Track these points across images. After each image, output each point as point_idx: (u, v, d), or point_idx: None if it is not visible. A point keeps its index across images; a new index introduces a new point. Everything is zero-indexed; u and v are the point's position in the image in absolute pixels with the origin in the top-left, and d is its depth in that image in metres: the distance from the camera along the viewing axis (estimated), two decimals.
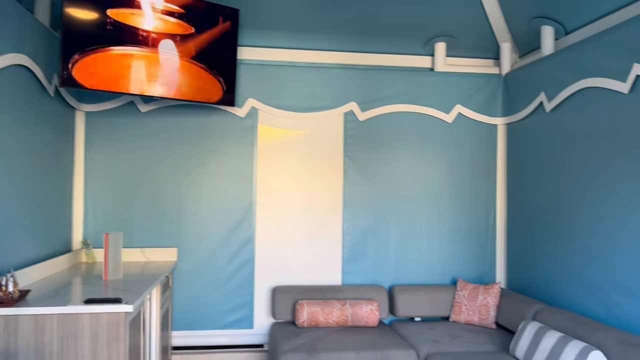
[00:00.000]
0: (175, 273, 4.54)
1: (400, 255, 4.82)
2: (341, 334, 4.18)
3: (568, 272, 3.97)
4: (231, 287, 4.59)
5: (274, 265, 4.67)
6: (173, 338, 4.50)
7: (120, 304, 2.78)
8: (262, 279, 4.64)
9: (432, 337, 4.14)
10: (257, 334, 4.61)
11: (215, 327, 4.56)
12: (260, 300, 4.63)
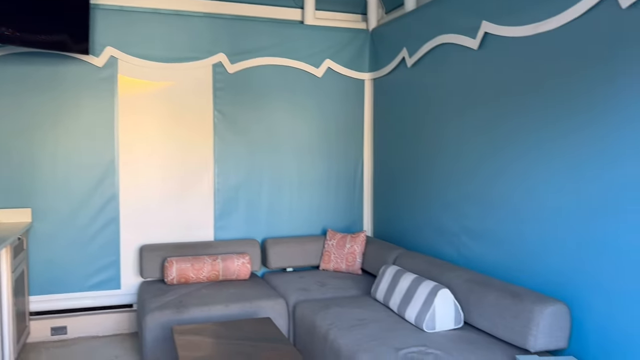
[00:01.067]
0: (30, 235, 4.22)
1: (273, 209, 4.87)
2: (211, 288, 4.18)
3: (426, 219, 4.26)
4: (95, 247, 4.37)
5: (141, 224, 4.51)
6: (32, 303, 4.23)
7: None
8: (128, 237, 4.47)
9: (302, 285, 4.27)
10: (125, 294, 4.47)
11: (80, 289, 4.35)
12: (127, 259, 4.47)
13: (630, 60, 2.60)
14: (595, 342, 2.79)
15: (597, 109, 2.77)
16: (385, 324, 3.36)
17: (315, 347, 3.53)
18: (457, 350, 2.93)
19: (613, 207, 2.69)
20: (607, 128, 2.72)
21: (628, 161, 2.61)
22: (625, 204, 2.62)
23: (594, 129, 2.79)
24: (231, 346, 3.06)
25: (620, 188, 2.66)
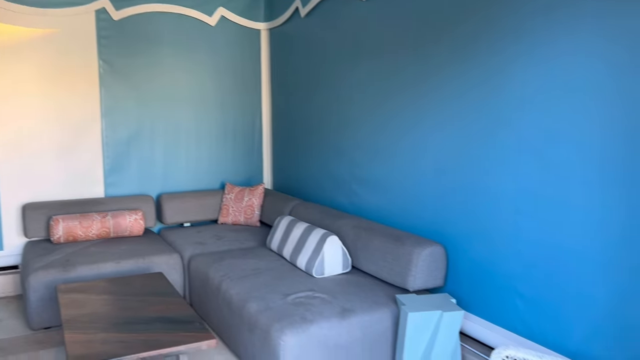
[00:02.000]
0: None
1: (168, 164, 4.75)
2: (102, 246, 4.05)
3: (322, 169, 4.33)
4: None
5: (23, 181, 4.24)
6: None
7: None
8: (9, 196, 4.20)
9: (198, 239, 4.24)
10: (9, 255, 4.23)
11: None
12: (10, 219, 4.22)
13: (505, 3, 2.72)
14: (467, 280, 3.01)
15: (481, 54, 2.90)
16: (277, 273, 3.43)
17: (209, 299, 3.54)
18: (342, 293, 3.06)
19: (488, 158, 2.86)
20: (488, 72, 2.86)
21: (506, 107, 2.77)
22: (497, 153, 2.80)
23: (477, 75, 2.92)
24: (118, 302, 3.00)
25: (500, 138, 2.83)
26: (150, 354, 2.43)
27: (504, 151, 2.73)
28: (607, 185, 2.28)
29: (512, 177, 2.70)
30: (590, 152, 2.33)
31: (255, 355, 2.91)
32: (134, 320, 2.76)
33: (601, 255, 2.31)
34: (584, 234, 2.38)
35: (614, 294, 2.28)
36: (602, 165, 2.29)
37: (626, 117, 2.19)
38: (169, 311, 2.88)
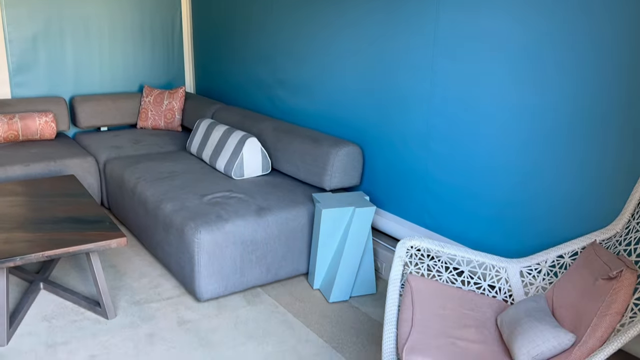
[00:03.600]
0: None
1: (81, 64, 4.46)
2: (9, 149, 3.83)
3: (245, 73, 4.20)
4: None
5: None
6: None
7: None
8: None
9: (115, 143, 4.09)
10: None
11: None
12: None
13: None
14: (382, 179, 3.08)
15: None
16: (195, 175, 3.38)
17: (125, 202, 3.47)
18: (260, 193, 3.06)
19: (401, 61, 2.84)
20: None
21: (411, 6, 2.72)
22: (410, 55, 2.78)
23: None
24: (26, 204, 2.89)
25: (408, 38, 2.80)
26: (56, 252, 2.37)
27: (418, 51, 2.72)
28: (518, 87, 2.32)
29: (428, 79, 2.70)
30: (505, 51, 2.36)
31: (171, 254, 2.91)
32: (41, 221, 2.67)
33: (504, 159, 2.40)
34: (491, 138, 2.45)
35: (508, 194, 2.40)
36: (515, 63, 2.32)
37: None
38: (79, 211, 2.80)
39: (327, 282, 2.89)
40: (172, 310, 2.71)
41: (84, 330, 2.52)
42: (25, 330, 2.51)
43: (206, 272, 2.70)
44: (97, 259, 2.59)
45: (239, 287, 2.84)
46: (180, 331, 2.54)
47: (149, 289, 2.92)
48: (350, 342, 2.50)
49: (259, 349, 2.42)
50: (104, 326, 2.56)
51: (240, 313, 2.71)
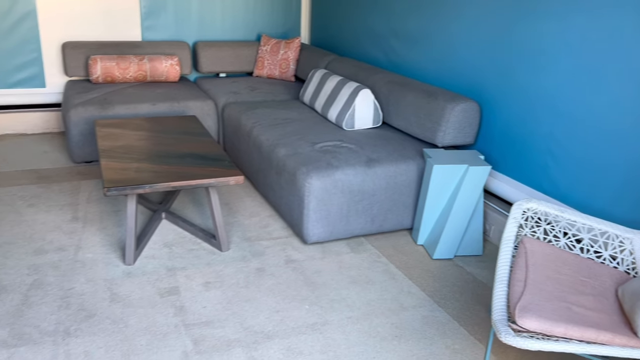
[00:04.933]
0: None
1: (204, 11, 4.63)
2: (138, 88, 4.11)
3: (360, 24, 4.16)
4: (13, 42, 4.13)
5: (62, 19, 4.24)
6: None
7: None
8: (49, 33, 4.22)
9: (233, 89, 4.25)
10: (51, 92, 4.36)
11: (2, 86, 4.20)
12: (51, 57, 4.28)
13: None
14: (499, 139, 2.96)
15: None
16: (307, 123, 3.44)
17: (240, 145, 3.62)
18: (369, 145, 3.07)
19: (530, 12, 2.67)
20: None
21: None
22: (543, 8, 2.60)
23: None
24: (153, 138, 3.10)
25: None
26: (181, 183, 2.54)
27: (549, 5, 2.53)
28: None
29: (559, 33, 2.53)
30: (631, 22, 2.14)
31: (282, 197, 3.02)
32: (166, 155, 2.86)
33: (634, 127, 2.21)
34: (625, 99, 2.26)
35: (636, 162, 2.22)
36: None
37: None
38: (201, 149, 2.97)
39: (431, 239, 2.87)
40: (280, 249, 2.83)
41: (200, 259, 2.71)
42: (149, 253, 2.74)
43: (314, 216, 2.78)
44: (216, 194, 2.75)
45: (344, 234, 2.89)
46: (287, 269, 2.65)
47: (259, 228, 3.06)
48: (453, 299, 2.48)
49: (361, 294, 2.48)
50: (218, 257, 2.74)
51: (343, 259, 2.78)
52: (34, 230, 2.89)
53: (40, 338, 2.08)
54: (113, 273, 2.54)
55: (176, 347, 2.07)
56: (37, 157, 3.90)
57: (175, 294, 2.41)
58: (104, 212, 3.15)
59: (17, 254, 2.66)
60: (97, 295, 2.37)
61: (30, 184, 3.45)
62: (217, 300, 2.38)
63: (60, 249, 2.73)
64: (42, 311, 2.24)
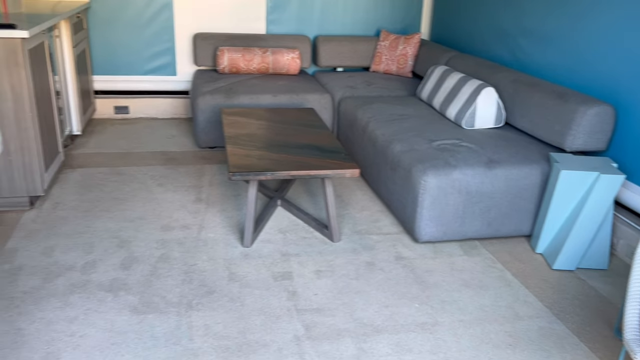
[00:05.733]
0: (89, 15, 4.34)
1: (326, 5, 4.71)
2: (261, 79, 4.27)
3: (483, 20, 4.02)
4: (151, 32, 4.47)
5: (195, 11, 4.51)
6: (95, 82, 4.50)
7: (14, 29, 2.69)
8: (182, 25, 4.51)
9: (349, 83, 4.29)
10: (181, 80, 4.66)
11: (139, 72, 4.56)
12: (182, 47, 4.57)
13: None
14: (634, 147, 2.74)
15: None
16: (424, 120, 3.40)
17: (355, 139, 3.65)
18: (491, 146, 2.97)
19: None
20: None
21: None
22: None
23: None
24: (274, 128, 3.22)
25: None
26: (299, 173, 2.62)
27: None
28: None
29: None
30: None
31: (394, 193, 3.01)
32: (286, 144, 2.95)
33: None
34: None
35: None
36: None
37: None
38: (318, 141, 3.03)
39: (552, 248, 2.72)
40: (390, 245, 2.83)
41: (312, 247, 2.77)
42: (265, 237, 2.85)
43: (428, 214, 2.74)
44: (331, 186, 2.80)
45: (457, 235, 2.83)
46: (397, 265, 2.64)
47: (369, 222, 3.07)
48: (573, 313, 2.34)
49: (474, 299, 2.41)
50: (329, 247, 2.79)
51: (455, 260, 2.72)
52: (162, 208, 3.11)
53: (165, 308, 2.25)
54: (232, 253, 2.68)
55: (288, 330, 2.15)
56: (165, 140, 4.20)
57: (289, 279, 2.49)
58: (224, 195, 3.32)
59: (147, 228, 2.88)
60: (217, 273, 2.51)
61: (159, 165, 3.71)
62: (328, 289, 2.43)
63: (185, 227, 2.92)
64: (168, 283, 2.41)
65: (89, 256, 2.59)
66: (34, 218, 2.92)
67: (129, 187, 3.36)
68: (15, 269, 2.45)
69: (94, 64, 4.45)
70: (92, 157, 3.77)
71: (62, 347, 2.00)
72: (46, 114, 3.09)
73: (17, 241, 2.68)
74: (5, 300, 2.24)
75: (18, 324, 2.11)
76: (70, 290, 2.33)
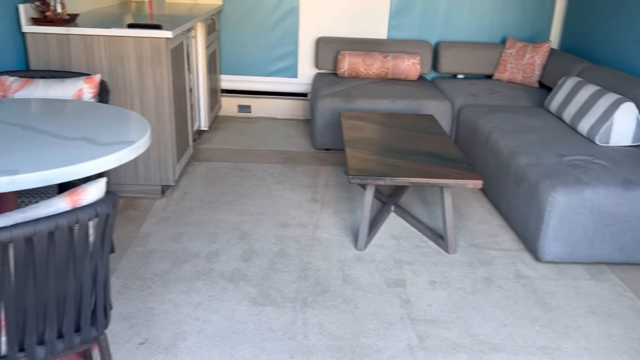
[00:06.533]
0: (221, 18, 4.59)
1: (451, 11, 4.62)
2: (380, 84, 4.28)
3: (623, 30, 3.74)
4: (276, 35, 4.63)
5: (318, 16, 4.61)
6: (222, 81, 4.75)
7: (160, 30, 2.90)
8: (306, 28, 4.64)
9: (471, 91, 4.17)
10: (301, 83, 4.78)
11: (261, 74, 4.75)
12: (305, 50, 4.69)
13: None
14: None
15: None
16: (553, 133, 3.22)
17: (475, 149, 3.55)
18: (628, 164, 2.75)
19: None
20: None
21: None
22: None
23: None
24: (392, 133, 3.21)
25: None
26: (419, 180, 2.59)
27: None
28: None
29: None
30: None
31: (516, 207, 2.88)
32: (405, 150, 2.93)
33: None
34: None
35: None
36: None
37: None
38: (438, 149, 2.98)
39: None
40: (509, 262, 2.71)
41: (426, 257, 2.73)
42: (378, 242, 2.85)
43: (553, 233, 2.59)
44: (449, 195, 2.74)
45: (584, 258, 2.65)
46: (517, 284, 2.53)
47: (487, 236, 2.97)
48: None
49: (601, 327, 2.25)
50: (444, 258, 2.73)
51: (581, 284, 2.55)
52: (280, 205, 3.22)
53: (282, 302, 2.32)
54: (345, 255, 2.71)
55: (402, 338, 2.13)
56: (284, 140, 4.33)
57: (402, 287, 2.47)
58: (339, 197, 3.37)
59: (266, 224, 2.99)
60: (331, 273, 2.55)
61: (278, 163, 3.84)
62: (443, 301, 2.38)
63: (301, 225, 2.99)
64: (284, 278, 2.49)
65: (212, 245, 2.74)
66: (164, 206, 3.13)
67: (250, 182, 3.50)
68: (148, 252, 2.65)
69: (222, 64, 4.70)
70: (217, 152, 3.98)
71: (187, 329, 2.13)
72: (181, 109, 3.31)
73: (149, 226, 2.90)
74: (139, 280, 2.43)
75: (150, 303, 2.27)
76: (195, 276, 2.47)
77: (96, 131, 1.78)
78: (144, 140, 1.74)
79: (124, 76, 2.96)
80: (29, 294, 1.23)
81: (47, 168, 1.46)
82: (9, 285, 1.19)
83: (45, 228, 1.16)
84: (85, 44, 2.90)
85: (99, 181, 1.30)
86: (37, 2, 2.88)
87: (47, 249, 1.20)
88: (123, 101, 3.01)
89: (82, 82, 2.37)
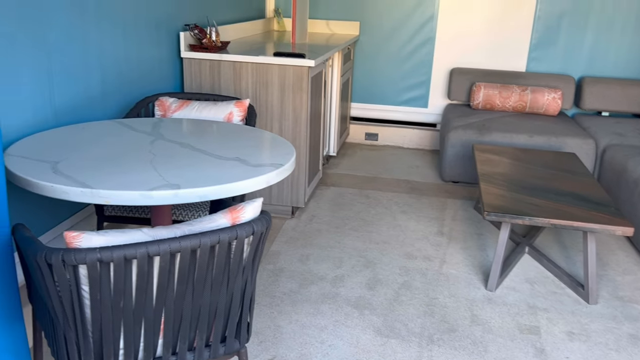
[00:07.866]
0: (356, 47, 4.70)
1: (597, 45, 4.35)
2: (516, 118, 4.11)
3: None
4: (410, 65, 4.65)
5: (454, 47, 4.56)
6: (352, 109, 4.85)
7: (304, 58, 3.03)
8: (440, 59, 4.60)
9: (617, 130, 3.88)
10: (431, 113, 4.74)
11: (392, 103, 4.77)
12: (437, 80, 4.65)
13: None
14: None
15: None
16: None
17: (621, 192, 3.27)
18: None
19: None
20: None
21: None
22: None
23: None
24: (530, 170, 3.06)
25: None
26: (561, 222, 2.43)
27: None
28: None
29: None
30: None
31: None
32: (544, 189, 2.78)
33: None
34: None
35: None
36: None
37: None
38: (581, 190, 2.79)
39: None
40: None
41: (564, 305, 2.54)
42: (510, 284, 2.71)
43: None
44: (594, 241, 2.54)
45: None
46: None
47: (634, 289, 2.71)
48: None
49: None
50: (583, 308, 2.53)
51: None
52: (405, 235, 3.18)
53: (407, 336, 2.27)
54: (474, 294, 2.60)
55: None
56: (409, 169, 4.30)
57: (536, 334, 2.32)
58: (467, 232, 3.26)
59: (391, 253, 2.96)
60: (458, 311, 2.46)
61: (403, 193, 3.81)
62: (582, 355, 2.19)
63: (427, 258, 2.93)
64: (409, 312, 2.44)
65: (338, 270, 2.76)
66: (293, 226, 3.23)
67: (375, 210, 3.51)
68: (277, 271, 2.74)
69: (354, 92, 4.80)
70: (344, 178, 4.05)
71: (313, 351, 2.15)
72: (315, 135, 3.41)
73: (279, 245, 3.00)
74: (268, 297, 2.51)
75: (278, 321, 2.34)
76: (321, 299, 2.51)
77: (247, 152, 1.89)
78: (290, 163, 1.81)
79: (266, 101, 3.13)
80: (187, 303, 1.32)
81: (205, 185, 1.56)
82: (171, 292, 1.28)
83: (209, 241, 1.24)
84: (234, 70, 3.11)
85: (255, 201, 1.37)
86: (196, 30, 3.14)
87: (207, 262, 1.29)
88: (263, 124, 3.17)
89: (233, 106, 2.53)
